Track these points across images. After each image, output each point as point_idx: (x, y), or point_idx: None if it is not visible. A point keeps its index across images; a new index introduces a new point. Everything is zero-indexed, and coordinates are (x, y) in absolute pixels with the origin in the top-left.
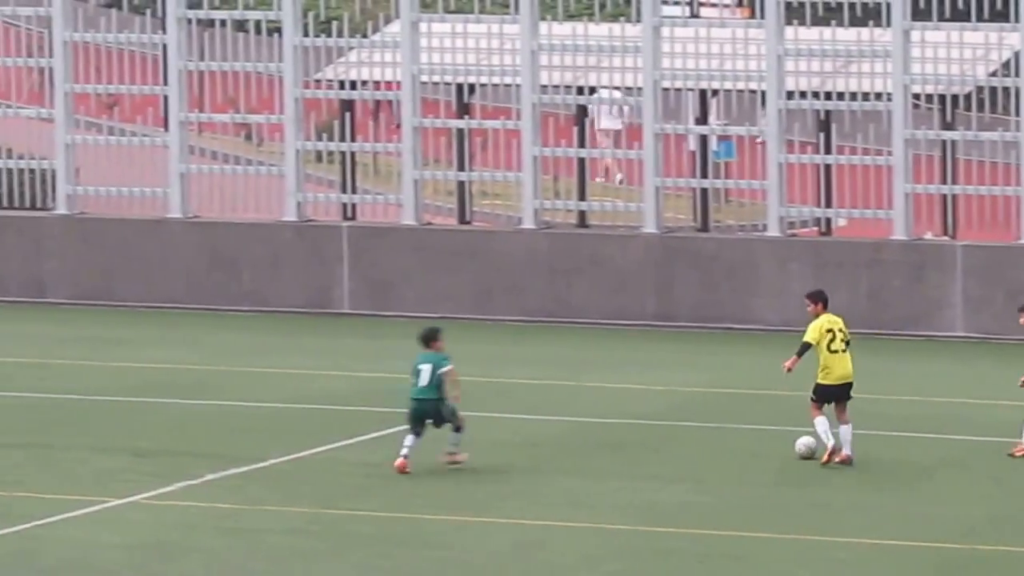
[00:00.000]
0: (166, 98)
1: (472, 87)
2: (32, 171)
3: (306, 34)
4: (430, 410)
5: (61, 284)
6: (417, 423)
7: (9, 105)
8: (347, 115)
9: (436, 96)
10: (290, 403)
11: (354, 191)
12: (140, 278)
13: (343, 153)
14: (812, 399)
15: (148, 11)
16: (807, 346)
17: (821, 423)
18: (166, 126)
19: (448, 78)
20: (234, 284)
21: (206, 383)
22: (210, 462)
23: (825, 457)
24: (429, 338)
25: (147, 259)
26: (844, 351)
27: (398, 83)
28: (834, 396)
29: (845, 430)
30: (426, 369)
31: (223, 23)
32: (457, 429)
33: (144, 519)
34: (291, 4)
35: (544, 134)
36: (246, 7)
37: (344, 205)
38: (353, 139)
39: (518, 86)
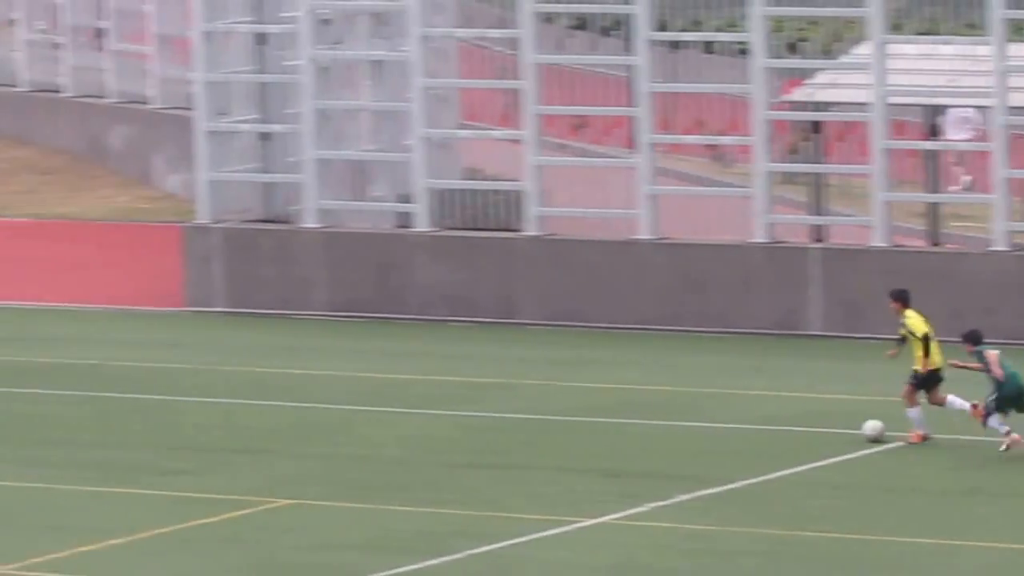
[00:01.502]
0: (635, 120)
1: (939, 108)
2: (502, 192)
3: (774, 56)
4: None
5: (531, 305)
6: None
7: (479, 127)
8: (816, 136)
9: (904, 117)
10: (759, 424)
11: (824, 212)
12: (609, 299)
13: (812, 174)
14: (911, 384)
15: (616, 33)
16: (927, 337)
17: (915, 412)
18: (635, 147)
19: (917, 100)
20: (703, 305)
21: (674, 404)
22: (680, 483)
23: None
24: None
25: (616, 280)
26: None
27: (866, 104)
28: (934, 382)
29: (952, 399)
30: None
31: (691, 45)
32: None
33: (615, 539)
34: (760, 26)
35: (1017, 155)
36: (715, 29)
37: (813, 227)
38: (822, 160)
39: (988, 108)
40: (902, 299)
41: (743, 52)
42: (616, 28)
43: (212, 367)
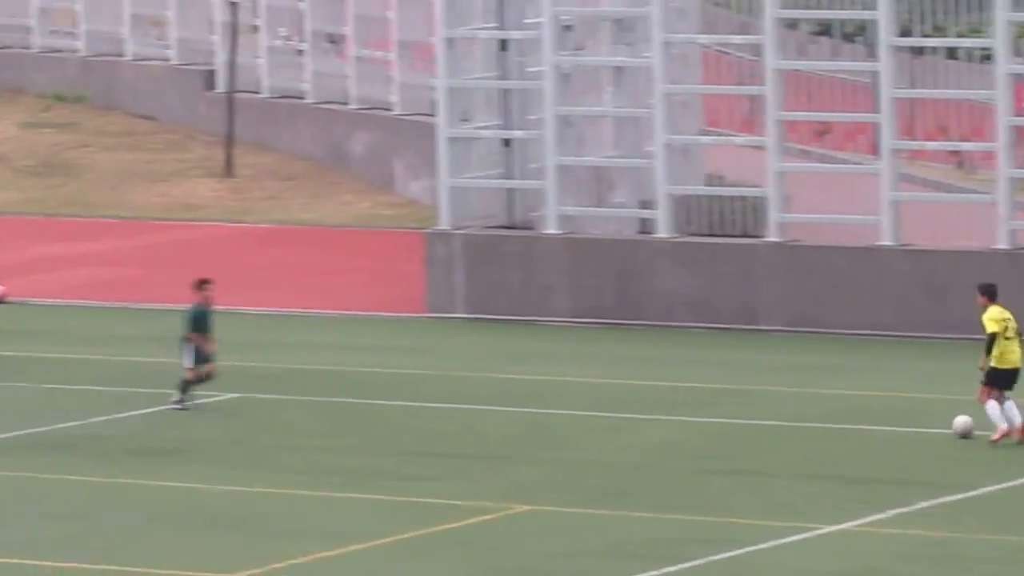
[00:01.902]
0: (877, 126)
1: None
2: (744, 199)
3: (1018, 61)
4: None
5: (772, 311)
6: None
7: (721, 133)
8: None
9: None
10: None
11: None
12: (850, 305)
13: None
14: (984, 383)
15: (858, 39)
16: (993, 336)
17: (993, 408)
18: (877, 153)
19: None
20: (944, 312)
21: (915, 410)
22: (921, 490)
23: (996, 436)
24: None
25: (858, 286)
26: (1015, 339)
27: None
28: (1007, 381)
29: (1010, 405)
30: None
31: (934, 51)
32: None
33: (855, 547)
34: (1004, 31)
35: None
36: (958, 35)
37: None
38: None
39: None
40: (988, 294)
41: (986, 58)
42: (858, 34)
43: (452, 373)
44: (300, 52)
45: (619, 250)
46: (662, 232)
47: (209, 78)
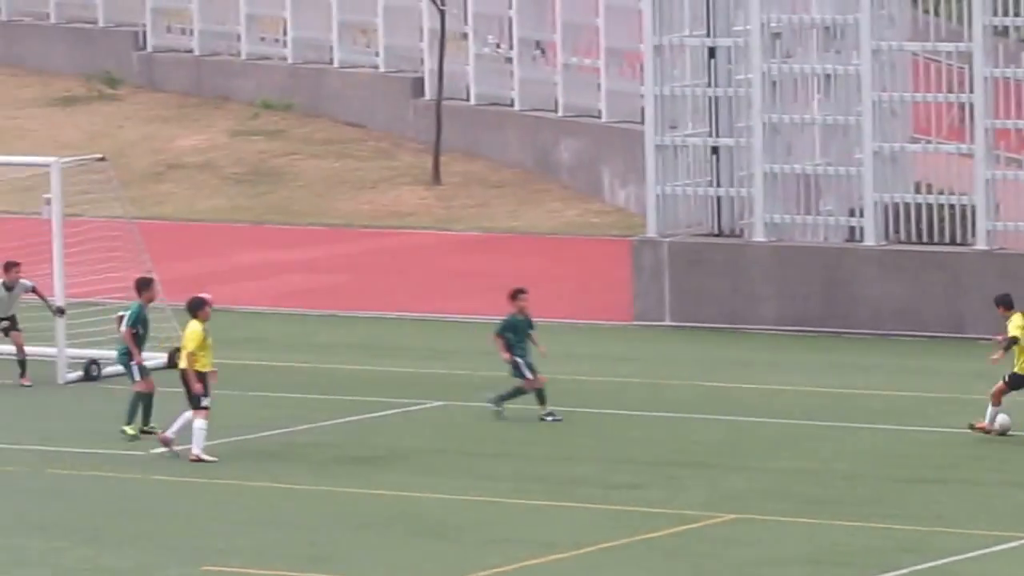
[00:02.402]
0: None
1: None
2: (952, 206)
3: None
4: None
5: (980, 319)
6: None
7: (929, 140)
8: None
9: None
10: None
11: None
12: None
13: None
14: (1005, 382)
15: None
16: (1014, 340)
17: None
18: None
19: None
20: None
21: None
22: None
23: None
24: None
25: None
26: None
27: None
28: None
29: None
30: None
31: None
32: None
33: None
34: None
35: None
36: None
37: None
38: None
39: None
40: (1004, 304)
41: None
42: None
43: (659, 380)
44: (508, 59)
45: (826, 258)
46: (869, 240)
47: (417, 85)
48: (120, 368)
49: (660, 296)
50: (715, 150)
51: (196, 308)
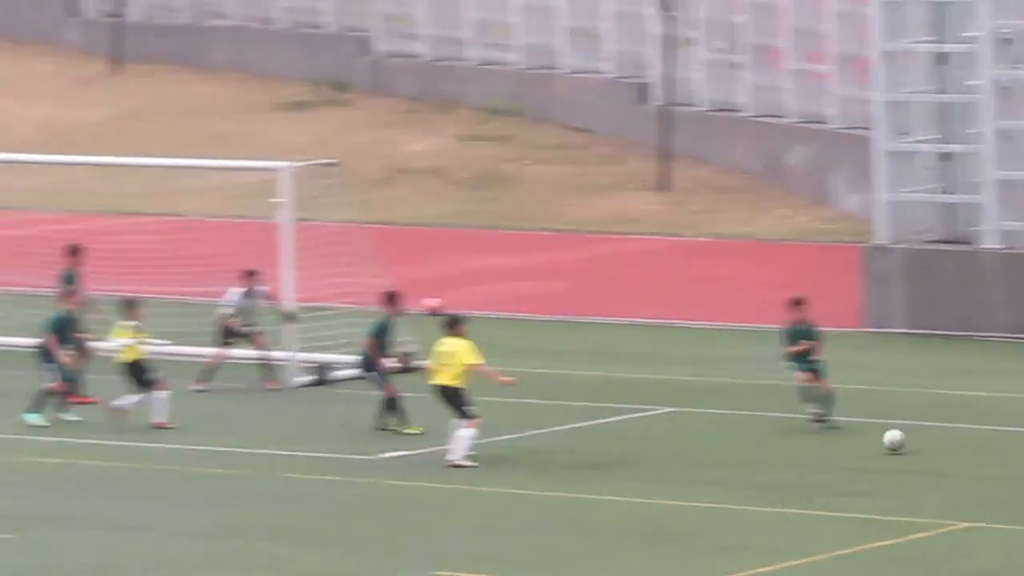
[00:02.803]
0: None
1: None
2: None
3: None
4: None
5: None
6: None
7: None
8: None
9: None
10: None
11: None
12: None
13: None
14: None
15: None
16: None
17: None
18: None
19: None
20: None
21: None
22: None
23: None
24: None
25: None
26: None
27: None
28: None
29: None
30: None
31: None
32: None
33: None
34: None
35: None
36: None
37: None
38: None
39: None
40: None
41: None
42: None
43: (891, 388)
44: (736, 65)
45: None
46: None
47: (643, 91)
48: (351, 373)
49: (891, 303)
50: (946, 157)
51: (456, 324)
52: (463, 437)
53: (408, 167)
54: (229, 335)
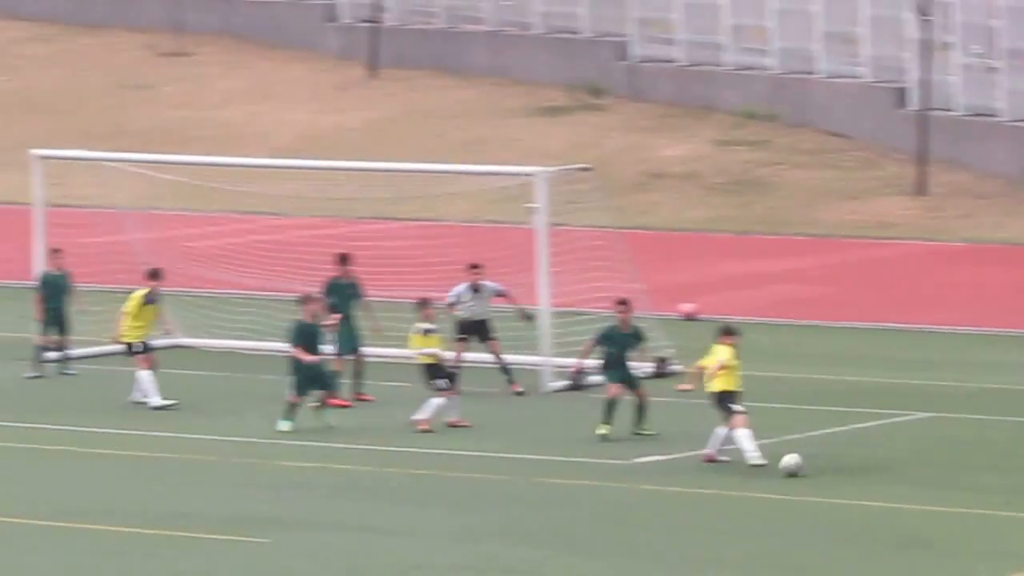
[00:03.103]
0: None
1: None
2: None
3: None
4: None
5: None
6: None
7: None
8: None
9: None
10: None
11: None
12: None
13: None
14: None
15: None
16: None
17: None
18: None
19: None
20: None
21: None
22: None
23: None
24: None
25: None
26: None
27: None
28: None
29: None
30: None
31: None
32: None
33: None
34: None
35: None
36: None
37: None
38: None
39: None
40: None
41: None
42: None
43: None
44: (992, 69)
45: None
46: None
47: (900, 95)
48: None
49: None
50: None
51: (729, 334)
52: (739, 436)
53: (664, 172)
54: (461, 330)
